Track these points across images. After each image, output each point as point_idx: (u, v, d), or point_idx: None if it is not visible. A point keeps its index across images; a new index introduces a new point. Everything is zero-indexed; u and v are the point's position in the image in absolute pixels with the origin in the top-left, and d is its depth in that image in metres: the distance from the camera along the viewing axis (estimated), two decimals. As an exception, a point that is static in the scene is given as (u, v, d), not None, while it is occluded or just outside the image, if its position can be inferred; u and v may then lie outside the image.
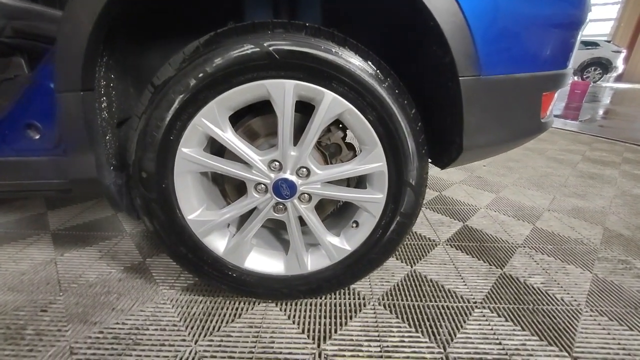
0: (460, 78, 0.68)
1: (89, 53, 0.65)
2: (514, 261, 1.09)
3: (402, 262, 1.08)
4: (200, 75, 0.65)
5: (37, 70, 0.75)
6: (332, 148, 0.85)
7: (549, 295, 0.94)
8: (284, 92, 0.68)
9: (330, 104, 0.69)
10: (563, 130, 3.31)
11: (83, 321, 0.83)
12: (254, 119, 0.83)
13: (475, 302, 0.90)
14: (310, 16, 0.99)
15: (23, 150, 0.80)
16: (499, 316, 0.86)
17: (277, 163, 0.76)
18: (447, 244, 1.19)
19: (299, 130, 0.77)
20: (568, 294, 0.94)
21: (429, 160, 0.87)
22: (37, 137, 0.79)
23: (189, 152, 0.72)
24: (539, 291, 0.95)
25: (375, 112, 0.70)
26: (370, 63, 0.69)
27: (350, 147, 0.87)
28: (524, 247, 1.18)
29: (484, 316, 0.86)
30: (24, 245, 1.17)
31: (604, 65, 9.44)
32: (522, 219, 1.39)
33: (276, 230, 1.01)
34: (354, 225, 0.84)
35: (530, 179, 1.88)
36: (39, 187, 0.83)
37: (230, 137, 0.72)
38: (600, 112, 4.70)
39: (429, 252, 1.14)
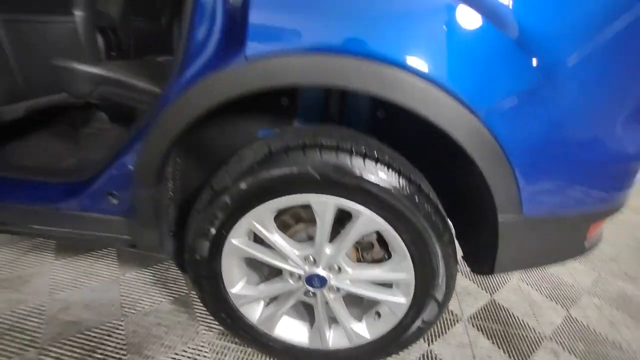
0: (499, 215, 0.69)
1: (163, 161, 0.75)
2: (536, 358, 1.08)
3: (420, 337, 1.12)
4: (253, 187, 0.73)
5: (119, 152, 0.87)
6: (365, 244, 0.90)
7: (565, 410, 0.93)
8: (325, 206, 0.74)
9: (367, 221, 0.74)
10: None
11: (139, 353, 1.00)
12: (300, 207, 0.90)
13: (486, 403, 0.93)
14: (355, 116, 1.00)
15: (103, 210, 0.95)
16: None
17: (312, 257, 0.83)
18: (469, 322, 1.20)
19: (338, 221, 0.83)
20: (587, 412, 0.93)
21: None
22: (116, 202, 0.93)
23: (236, 243, 0.81)
24: (556, 402, 0.95)
25: (409, 235, 0.74)
26: (410, 188, 0.72)
27: (383, 243, 0.91)
28: (552, 340, 1.16)
29: (492, 422, 0.88)
30: (95, 259, 1.38)
31: None
32: (556, 301, 1.34)
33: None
34: (377, 316, 0.90)
35: (576, 244, 1.76)
36: (112, 240, 0.99)
37: (273, 237, 0.80)
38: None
39: (449, 329, 1.16)
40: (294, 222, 0.91)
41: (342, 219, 0.81)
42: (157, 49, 1.99)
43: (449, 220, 0.76)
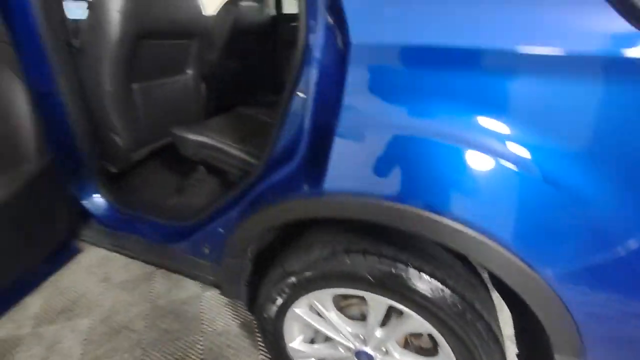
0: (555, 355, 0.68)
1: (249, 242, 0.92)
2: None
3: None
4: (316, 276, 0.85)
5: (212, 216, 1.07)
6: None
7: None
8: (378, 304, 0.83)
9: (417, 324, 0.80)
10: None
11: (212, 371, 1.22)
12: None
13: None
14: None
15: (198, 254, 1.17)
16: None
17: (362, 336, 0.92)
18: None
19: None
20: None
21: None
22: (207, 251, 1.15)
23: (298, 312, 0.95)
24: None
25: (456, 347, 0.78)
26: (462, 305, 0.75)
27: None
28: None
29: None
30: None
31: None
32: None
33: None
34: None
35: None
36: (201, 278, 1.22)
37: (330, 314, 0.91)
38: None
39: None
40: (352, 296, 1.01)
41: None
42: (249, 85, 2.24)
43: (502, 339, 0.77)
